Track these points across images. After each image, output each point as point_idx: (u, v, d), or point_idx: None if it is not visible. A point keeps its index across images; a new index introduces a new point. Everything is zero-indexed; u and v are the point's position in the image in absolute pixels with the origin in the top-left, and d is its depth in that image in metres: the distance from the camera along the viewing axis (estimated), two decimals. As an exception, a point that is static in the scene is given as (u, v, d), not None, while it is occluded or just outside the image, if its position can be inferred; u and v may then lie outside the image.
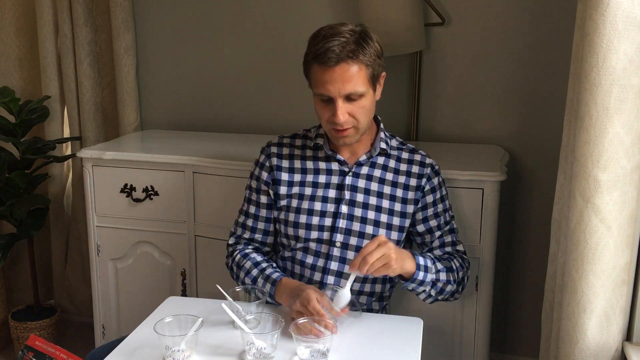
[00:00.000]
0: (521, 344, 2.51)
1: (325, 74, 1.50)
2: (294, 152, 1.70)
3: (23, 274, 2.95)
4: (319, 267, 1.64)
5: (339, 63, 1.48)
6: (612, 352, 1.40)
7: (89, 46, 2.67)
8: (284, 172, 1.68)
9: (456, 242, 1.72)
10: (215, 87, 2.68)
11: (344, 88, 1.50)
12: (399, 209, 1.65)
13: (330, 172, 1.66)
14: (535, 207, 2.39)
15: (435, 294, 1.60)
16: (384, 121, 2.53)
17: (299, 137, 1.72)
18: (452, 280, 1.62)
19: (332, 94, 1.51)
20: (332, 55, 1.47)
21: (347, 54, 1.48)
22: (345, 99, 1.52)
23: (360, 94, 1.52)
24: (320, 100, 1.55)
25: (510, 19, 2.30)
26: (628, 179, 1.31)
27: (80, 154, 2.29)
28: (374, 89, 1.58)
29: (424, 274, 1.54)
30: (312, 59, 1.52)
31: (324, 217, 1.63)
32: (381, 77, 1.60)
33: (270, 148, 1.71)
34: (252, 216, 1.73)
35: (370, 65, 1.52)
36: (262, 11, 2.55)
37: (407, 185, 1.66)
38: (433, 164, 1.70)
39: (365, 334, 1.46)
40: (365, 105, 1.55)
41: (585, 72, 1.30)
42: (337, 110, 1.51)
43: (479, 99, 2.39)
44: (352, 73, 1.49)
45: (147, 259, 2.30)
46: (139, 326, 1.48)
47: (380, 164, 1.67)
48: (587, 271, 1.35)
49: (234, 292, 1.49)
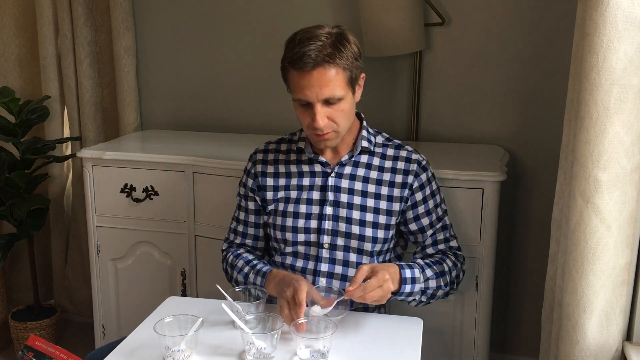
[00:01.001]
0: (521, 344, 2.51)
1: (303, 79, 1.48)
2: (278, 157, 1.70)
3: (23, 274, 2.95)
4: (309, 270, 1.64)
5: (315, 67, 1.46)
6: (612, 352, 1.40)
7: (89, 46, 2.67)
8: (269, 178, 1.69)
9: (449, 239, 1.70)
10: (215, 87, 2.68)
11: (322, 93, 1.48)
12: (384, 207, 1.64)
13: (314, 174, 1.66)
14: (535, 207, 2.39)
15: (426, 299, 1.59)
16: (385, 121, 2.53)
17: (285, 142, 1.73)
18: (443, 285, 1.60)
19: (310, 98, 1.49)
20: (309, 60, 1.46)
21: (324, 58, 1.46)
22: (323, 103, 1.50)
23: (339, 98, 1.50)
24: (299, 105, 1.54)
25: (510, 19, 2.30)
26: (628, 179, 1.31)
27: (80, 154, 2.29)
28: (353, 91, 1.56)
29: (411, 286, 1.52)
30: (288, 64, 1.51)
31: (309, 219, 1.64)
32: (360, 78, 1.58)
33: (256, 155, 1.73)
34: (242, 222, 1.75)
35: (347, 68, 1.50)
36: (262, 11, 2.55)
37: (393, 183, 1.64)
38: (420, 159, 1.66)
39: (365, 334, 1.46)
40: (344, 108, 1.53)
41: (585, 72, 1.30)
42: (315, 115, 1.50)
43: (479, 99, 2.39)
44: (330, 77, 1.47)
45: (147, 259, 2.30)
46: (139, 326, 1.48)
47: (364, 163, 1.66)
48: (587, 271, 1.35)
49: (234, 292, 1.49)
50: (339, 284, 1.63)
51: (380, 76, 2.46)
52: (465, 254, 1.96)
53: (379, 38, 2.26)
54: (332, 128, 1.54)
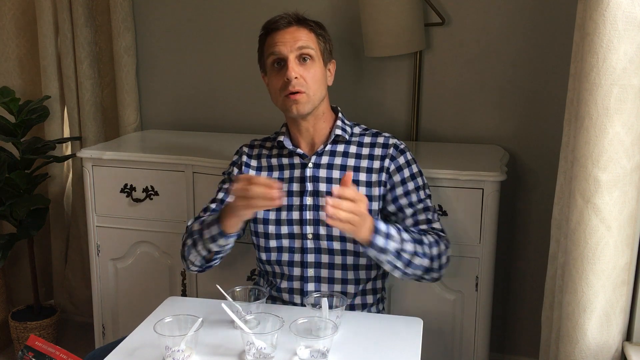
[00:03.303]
0: (521, 344, 2.51)
1: (277, 37, 1.61)
2: (262, 152, 1.76)
3: (23, 274, 2.95)
4: (296, 263, 1.66)
5: (290, 25, 1.61)
6: (612, 352, 1.40)
7: (89, 46, 2.67)
8: (251, 170, 1.74)
9: (432, 220, 1.66)
10: (216, 87, 2.68)
11: (296, 44, 1.59)
12: (364, 192, 1.64)
13: (293, 167, 1.69)
14: (535, 207, 2.39)
15: (402, 266, 1.54)
16: (385, 121, 2.53)
17: (269, 140, 1.78)
18: (421, 253, 1.55)
19: (283, 51, 1.59)
20: (283, 21, 1.61)
21: (297, 19, 1.63)
22: (297, 59, 1.59)
23: (311, 55, 1.60)
24: (272, 70, 1.63)
25: (510, 19, 2.30)
26: (628, 179, 1.31)
27: (80, 154, 2.29)
28: (325, 64, 1.66)
29: (385, 241, 1.48)
30: (263, 35, 1.66)
31: (291, 210, 1.65)
32: (331, 62, 1.70)
33: (242, 148, 1.79)
34: (218, 201, 1.74)
35: (320, 35, 1.65)
36: (262, 11, 2.54)
37: (371, 169, 1.66)
38: (397, 143, 1.69)
39: (365, 334, 1.46)
40: (315, 72, 1.61)
41: (585, 72, 1.30)
42: (288, 66, 1.58)
43: (479, 99, 2.39)
44: (303, 33, 1.61)
45: (147, 259, 2.30)
46: (139, 326, 1.48)
47: (341, 152, 1.68)
48: (587, 271, 1.35)
49: (233, 292, 1.49)
50: (327, 273, 1.65)
51: (380, 76, 2.46)
52: (465, 254, 1.97)
53: (379, 38, 2.26)
54: (304, 87, 1.60)
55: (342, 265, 1.65)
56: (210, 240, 1.56)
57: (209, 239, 1.56)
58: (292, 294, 1.68)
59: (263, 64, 1.69)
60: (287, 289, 1.68)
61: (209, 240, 1.56)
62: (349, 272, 1.66)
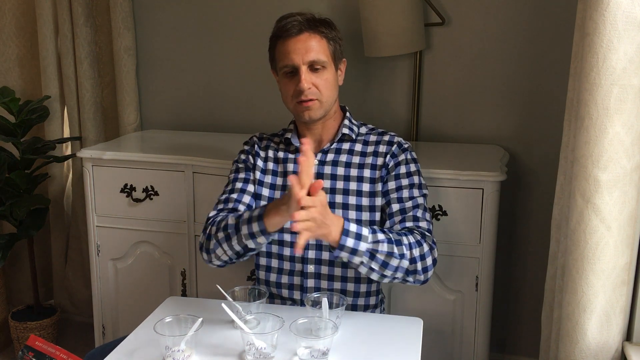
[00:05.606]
0: (521, 344, 2.51)
1: (289, 44, 1.59)
2: (270, 144, 1.77)
3: (23, 274, 2.95)
4: (297, 258, 1.66)
5: (301, 32, 1.58)
6: (612, 352, 1.40)
7: (89, 46, 2.67)
8: (259, 160, 1.74)
9: (419, 218, 1.61)
10: (215, 87, 2.68)
11: (307, 55, 1.58)
12: (367, 189, 1.65)
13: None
14: (535, 207, 2.39)
15: (378, 267, 1.50)
16: (385, 121, 2.53)
17: (277, 136, 1.80)
18: (398, 254, 1.49)
19: (295, 62, 1.58)
20: (294, 28, 1.58)
21: (309, 25, 1.59)
22: (309, 69, 1.59)
23: (323, 64, 1.59)
24: (284, 76, 1.62)
25: (510, 19, 2.30)
26: (628, 179, 1.31)
27: (80, 154, 2.29)
28: (336, 67, 1.65)
29: (355, 242, 1.45)
30: (275, 38, 1.63)
31: None
32: (342, 62, 1.69)
33: (253, 138, 1.80)
34: (238, 191, 1.70)
35: (331, 39, 1.62)
36: (262, 11, 2.55)
37: (375, 165, 1.67)
38: (401, 141, 1.70)
39: (365, 334, 1.46)
40: (328, 78, 1.61)
41: (585, 72, 1.30)
42: (300, 77, 1.58)
43: (479, 99, 2.39)
44: (314, 42, 1.59)
45: (147, 259, 2.30)
46: (139, 326, 1.48)
47: (346, 149, 1.70)
48: (587, 271, 1.35)
49: (233, 292, 1.49)
50: (328, 270, 1.65)
51: (380, 76, 2.46)
52: (466, 254, 1.97)
53: (379, 38, 2.26)
54: (316, 95, 1.60)
55: (342, 262, 1.65)
56: (249, 236, 1.50)
57: (248, 235, 1.50)
58: (291, 289, 1.68)
59: (274, 64, 1.68)
60: (287, 284, 1.68)
61: (247, 237, 1.50)
62: (349, 269, 1.66)
